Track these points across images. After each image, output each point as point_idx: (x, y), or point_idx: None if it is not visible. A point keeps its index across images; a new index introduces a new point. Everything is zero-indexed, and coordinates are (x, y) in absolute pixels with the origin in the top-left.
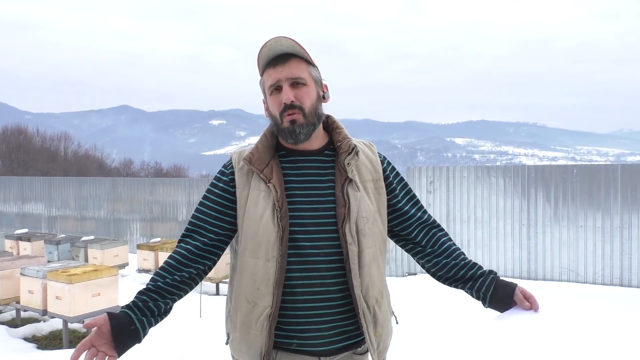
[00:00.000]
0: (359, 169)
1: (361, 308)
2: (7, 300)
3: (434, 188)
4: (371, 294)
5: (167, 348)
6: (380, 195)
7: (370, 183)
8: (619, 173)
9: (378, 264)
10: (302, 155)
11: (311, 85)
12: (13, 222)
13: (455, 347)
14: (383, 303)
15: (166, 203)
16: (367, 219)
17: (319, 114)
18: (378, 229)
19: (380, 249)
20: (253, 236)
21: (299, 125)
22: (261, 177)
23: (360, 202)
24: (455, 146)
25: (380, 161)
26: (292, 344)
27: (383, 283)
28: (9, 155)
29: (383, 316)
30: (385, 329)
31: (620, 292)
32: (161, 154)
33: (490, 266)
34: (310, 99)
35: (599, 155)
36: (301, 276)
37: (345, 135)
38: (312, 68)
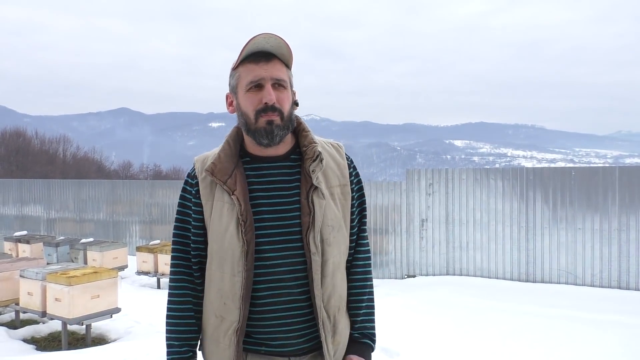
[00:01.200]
0: (325, 174)
1: (321, 318)
2: (7, 302)
3: (432, 190)
4: (332, 303)
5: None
6: (346, 200)
7: (337, 188)
8: (617, 175)
9: (342, 272)
10: (267, 162)
11: (289, 90)
12: (12, 225)
13: (453, 348)
14: (344, 310)
15: (165, 205)
16: (332, 227)
17: (293, 120)
18: (343, 237)
19: (343, 256)
20: (218, 250)
21: (277, 126)
22: (224, 188)
23: (326, 209)
24: (454, 148)
25: (347, 165)
26: (260, 350)
27: (344, 290)
28: (7, 158)
29: (343, 324)
30: (344, 337)
31: (618, 295)
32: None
33: (489, 268)
34: (288, 103)
35: (597, 157)
36: (268, 287)
37: (311, 139)
38: (290, 72)
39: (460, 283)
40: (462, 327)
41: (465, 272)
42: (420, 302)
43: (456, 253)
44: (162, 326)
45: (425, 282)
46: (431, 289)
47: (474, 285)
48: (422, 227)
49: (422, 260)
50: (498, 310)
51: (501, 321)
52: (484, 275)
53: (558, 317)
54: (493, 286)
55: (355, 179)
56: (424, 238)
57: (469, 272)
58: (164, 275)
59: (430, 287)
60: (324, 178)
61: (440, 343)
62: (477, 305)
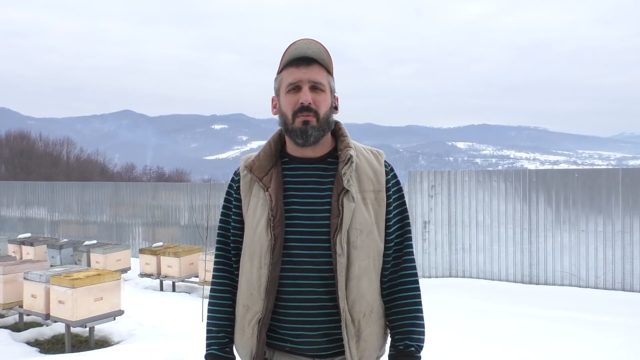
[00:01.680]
0: (359, 179)
1: (344, 320)
2: (10, 305)
3: (435, 192)
4: (357, 308)
5: (169, 351)
6: (380, 206)
7: (371, 194)
8: (621, 177)
9: (370, 278)
10: (304, 163)
11: (328, 93)
12: (16, 227)
13: (456, 350)
14: (372, 318)
15: (168, 207)
16: (360, 231)
17: (330, 123)
18: (373, 242)
19: (375, 263)
20: (250, 243)
21: (312, 127)
22: (260, 185)
23: (355, 213)
24: (456, 150)
25: (385, 172)
26: (285, 346)
27: (374, 297)
28: (12, 160)
29: (370, 331)
30: (371, 344)
31: (621, 297)
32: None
33: (491, 270)
34: (326, 106)
35: (600, 159)
36: (294, 283)
37: (347, 144)
38: (330, 78)
39: (463, 285)
40: (464, 329)
41: (468, 274)
42: (423, 305)
43: (459, 255)
44: (165, 329)
45: (427, 285)
46: (434, 291)
47: (476, 287)
48: (425, 229)
49: (425, 262)
50: (501, 313)
51: (504, 323)
52: (486, 278)
53: (561, 319)
54: (496, 288)
55: (394, 188)
56: (427, 240)
57: (471, 274)
58: (167, 277)
59: (432, 290)
60: (357, 182)
61: (443, 345)
62: (479, 307)
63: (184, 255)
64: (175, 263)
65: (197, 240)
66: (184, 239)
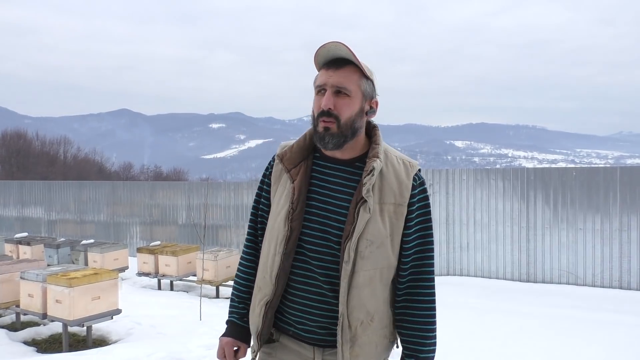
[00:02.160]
0: (382, 189)
1: (341, 324)
2: (7, 304)
3: (433, 191)
4: (355, 315)
5: (167, 350)
6: (398, 220)
7: (390, 206)
8: (618, 175)
9: (374, 288)
10: (333, 163)
11: (355, 98)
12: (13, 226)
13: (453, 348)
14: (371, 327)
15: (166, 206)
16: (371, 242)
17: (356, 128)
18: (384, 254)
19: (382, 274)
20: (270, 229)
21: (330, 134)
22: (288, 176)
23: (369, 224)
24: (454, 149)
25: (412, 186)
26: (289, 330)
27: (377, 308)
28: (8, 159)
29: (368, 339)
30: (367, 352)
31: (619, 295)
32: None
33: (489, 269)
34: (350, 111)
35: (598, 157)
36: (303, 274)
37: (376, 152)
38: (365, 81)
39: (461, 283)
40: (462, 328)
41: (466, 273)
42: None
43: (457, 253)
44: (163, 328)
45: None
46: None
47: (474, 285)
48: None
49: None
50: (499, 311)
51: (502, 322)
52: (484, 276)
53: (559, 317)
54: (494, 287)
55: (419, 203)
56: None
57: (469, 273)
58: (165, 276)
59: None
60: (379, 192)
61: (441, 343)
62: (477, 305)
63: (182, 254)
64: (173, 262)
65: (195, 239)
66: (182, 237)
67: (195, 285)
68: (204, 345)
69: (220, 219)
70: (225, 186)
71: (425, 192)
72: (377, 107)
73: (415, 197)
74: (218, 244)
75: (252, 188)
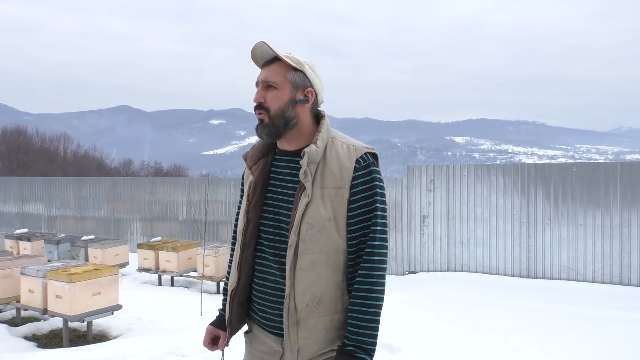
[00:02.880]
0: (323, 174)
1: (286, 306)
2: (8, 300)
3: (434, 187)
4: (301, 298)
5: (168, 346)
6: (340, 203)
7: (332, 190)
8: (619, 171)
9: (320, 271)
10: (284, 155)
11: (284, 89)
12: (13, 222)
13: (454, 344)
14: (318, 310)
15: (166, 202)
16: (312, 225)
17: (287, 117)
18: (327, 238)
19: (328, 258)
20: (238, 223)
21: (263, 125)
22: (250, 172)
23: (309, 207)
24: (455, 145)
25: (354, 168)
26: (256, 319)
27: (325, 292)
28: (8, 155)
29: (315, 322)
30: (315, 336)
31: (619, 291)
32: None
33: (490, 264)
34: (279, 102)
35: (598, 153)
36: (262, 264)
37: (315, 139)
38: (294, 73)
39: (461, 279)
40: (463, 323)
41: (467, 268)
42: (421, 298)
43: (457, 249)
44: (163, 323)
45: (426, 278)
46: (432, 285)
47: (475, 281)
48: (423, 224)
49: (423, 256)
50: (499, 307)
51: (502, 317)
52: (485, 272)
53: (559, 313)
54: (494, 282)
55: (362, 186)
56: (425, 234)
57: (470, 268)
58: (165, 272)
59: (431, 284)
60: (320, 177)
61: (441, 339)
62: (478, 301)
63: (182, 250)
64: (173, 258)
65: (196, 235)
66: (182, 233)
67: (195, 281)
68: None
69: (221, 214)
70: (226, 182)
71: (370, 175)
72: (312, 96)
73: (358, 179)
74: (219, 240)
75: None
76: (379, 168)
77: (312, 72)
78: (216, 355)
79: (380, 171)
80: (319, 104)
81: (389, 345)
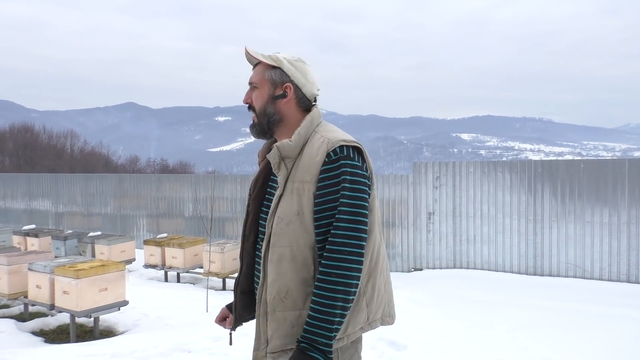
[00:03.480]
0: (296, 168)
1: (259, 297)
2: (15, 295)
3: (440, 183)
4: (269, 290)
5: (174, 342)
6: (306, 197)
7: (300, 184)
8: (627, 168)
9: (289, 265)
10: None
11: (263, 87)
12: (20, 219)
13: (460, 341)
14: (284, 304)
15: (172, 199)
16: (281, 219)
17: (269, 114)
18: (294, 232)
19: (294, 253)
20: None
21: (252, 125)
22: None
23: (281, 201)
24: (461, 142)
25: (323, 162)
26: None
27: (292, 286)
28: (16, 152)
29: (282, 315)
30: (281, 328)
31: (627, 289)
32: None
33: (496, 262)
34: (261, 100)
35: (605, 150)
36: (258, 255)
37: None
38: (272, 71)
39: (467, 276)
40: (469, 321)
41: (473, 266)
42: (427, 295)
43: (463, 246)
44: (169, 319)
45: (432, 275)
46: (438, 282)
47: (481, 278)
48: (429, 220)
49: (429, 253)
50: (505, 304)
51: (508, 314)
52: (491, 269)
53: (566, 310)
54: (500, 279)
55: (330, 181)
56: (431, 231)
57: (476, 266)
58: (171, 268)
59: (437, 281)
60: (293, 171)
61: (447, 336)
62: (484, 298)
63: (189, 246)
64: (179, 254)
65: (202, 232)
66: (188, 230)
67: (201, 278)
68: (211, 337)
69: (227, 211)
70: (232, 179)
71: (339, 169)
72: (290, 90)
73: (326, 172)
74: (224, 237)
75: None
76: (356, 162)
77: (292, 67)
78: (221, 350)
79: (359, 164)
80: (308, 98)
81: (395, 342)
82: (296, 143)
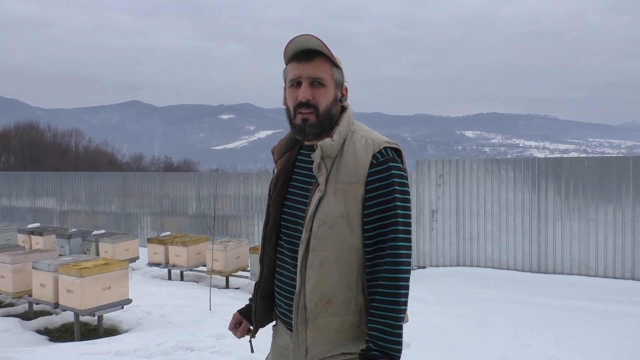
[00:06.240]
0: (338, 169)
1: (296, 304)
2: (20, 294)
3: (443, 181)
4: (310, 296)
5: (177, 340)
6: (354, 200)
7: (345, 185)
8: (631, 165)
9: (330, 270)
10: (308, 150)
11: (330, 87)
12: (25, 217)
13: (463, 339)
14: (327, 310)
15: (176, 197)
16: (323, 222)
17: (332, 116)
18: (339, 235)
19: (339, 256)
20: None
21: (310, 125)
22: (276, 166)
23: (322, 203)
24: (465, 139)
25: (370, 164)
26: (276, 312)
27: (336, 291)
28: (21, 150)
29: (324, 322)
30: (325, 336)
31: (631, 286)
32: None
33: (500, 259)
34: (327, 100)
35: (611, 147)
36: (281, 259)
37: (332, 133)
38: (336, 70)
39: (471, 274)
40: (472, 318)
41: (476, 263)
42: (431, 293)
43: (467, 244)
44: (173, 317)
45: (435, 273)
46: (442, 280)
47: (484, 276)
48: (433, 218)
49: (433, 251)
50: (509, 302)
51: (512, 312)
52: (494, 267)
53: (570, 308)
54: (504, 277)
55: (379, 183)
56: (435, 229)
57: (479, 263)
58: (175, 266)
59: (440, 278)
60: (335, 172)
61: (450, 334)
62: (487, 296)
63: (192, 244)
64: (183, 252)
65: (205, 230)
66: (192, 228)
67: (205, 276)
68: (214, 335)
69: (230, 209)
70: (235, 177)
71: (388, 171)
72: (347, 93)
73: (375, 175)
74: (228, 235)
75: (261, 179)
76: (400, 164)
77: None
78: (224, 349)
79: (402, 167)
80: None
81: None
82: (338, 142)
